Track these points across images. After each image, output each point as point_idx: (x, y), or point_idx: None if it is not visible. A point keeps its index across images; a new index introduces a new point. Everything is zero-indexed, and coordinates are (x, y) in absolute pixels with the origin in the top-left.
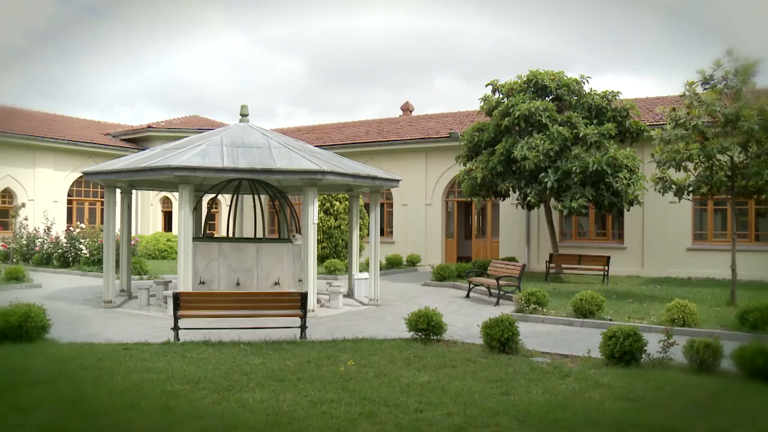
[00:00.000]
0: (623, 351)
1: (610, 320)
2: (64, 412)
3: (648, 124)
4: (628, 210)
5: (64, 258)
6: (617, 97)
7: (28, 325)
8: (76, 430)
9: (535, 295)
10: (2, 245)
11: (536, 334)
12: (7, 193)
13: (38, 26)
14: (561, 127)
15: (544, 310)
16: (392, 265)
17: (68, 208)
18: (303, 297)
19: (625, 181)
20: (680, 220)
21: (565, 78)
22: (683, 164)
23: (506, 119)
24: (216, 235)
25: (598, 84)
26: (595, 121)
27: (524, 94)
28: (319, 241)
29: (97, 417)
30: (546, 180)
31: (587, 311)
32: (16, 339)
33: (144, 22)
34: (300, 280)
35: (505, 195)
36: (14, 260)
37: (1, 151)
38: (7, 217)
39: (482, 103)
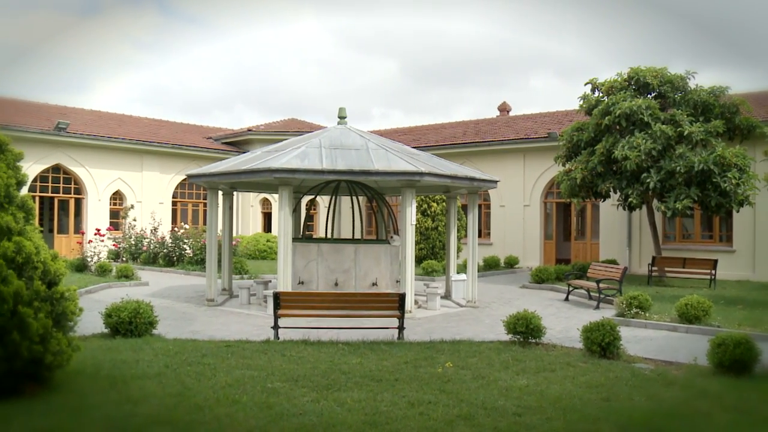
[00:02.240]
0: (733, 359)
1: (719, 327)
2: (171, 404)
3: (760, 120)
4: (738, 211)
5: (169, 257)
6: (726, 93)
7: (138, 321)
8: (182, 422)
9: (637, 299)
10: (113, 245)
11: (638, 340)
12: (118, 195)
13: (143, 37)
14: (664, 126)
15: (647, 314)
16: (490, 266)
17: (173, 209)
18: (401, 298)
19: (734, 181)
20: None
21: (668, 74)
22: None
23: (606, 118)
24: (315, 236)
25: (704, 80)
26: (701, 119)
27: (625, 92)
28: (416, 242)
29: (201, 410)
30: (648, 180)
31: (693, 317)
32: (126, 334)
33: (239, 28)
34: (397, 281)
35: (606, 196)
36: (124, 259)
37: (113, 156)
38: (117, 218)
39: (581, 102)
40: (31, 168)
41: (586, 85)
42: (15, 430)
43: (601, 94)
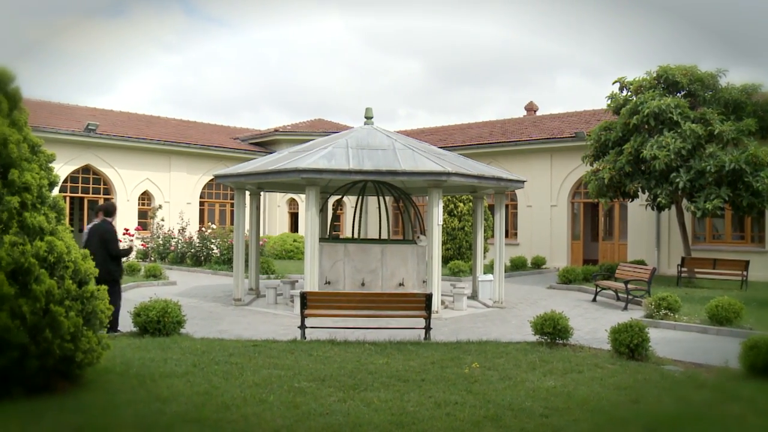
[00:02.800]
0: (767, 363)
1: (751, 329)
2: (198, 402)
3: None
4: None
5: (196, 257)
6: (759, 90)
7: (166, 320)
8: (209, 421)
9: (666, 300)
10: (142, 245)
11: (667, 341)
12: (146, 196)
13: (169, 39)
14: (694, 125)
15: (676, 316)
16: (516, 267)
17: (200, 209)
18: (428, 298)
19: (767, 181)
20: None
21: (698, 72)
22: None
23: (635, 117)
24: (341, 236)
25: (736, 77)
26: (732, 117)
27: (654, 91)
28: (443, 243)
29: (229, 409)
30: (678, 180)
31: (724, 318)
32: (154, 333)
33: (265, 28)
34: (424, 281)
35: (634, 196)
36: (152, 258)
37: (141, 156)
38: (146, 218)
39: (609, 101)
40: (62, 169)
41: (614, 83)
42: (47, 427)
43: (629, 93)
